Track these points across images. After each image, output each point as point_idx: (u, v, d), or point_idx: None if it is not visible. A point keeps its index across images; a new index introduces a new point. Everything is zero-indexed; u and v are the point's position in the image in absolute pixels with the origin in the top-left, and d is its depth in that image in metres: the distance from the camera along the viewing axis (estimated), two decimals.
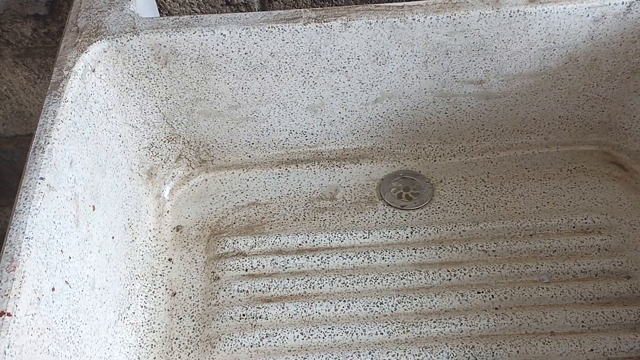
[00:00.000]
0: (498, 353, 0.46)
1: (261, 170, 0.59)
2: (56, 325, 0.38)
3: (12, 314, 0.34)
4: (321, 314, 0.49)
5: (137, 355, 0.47)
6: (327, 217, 0.55)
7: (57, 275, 0.39)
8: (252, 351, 0.47)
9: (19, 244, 0.37)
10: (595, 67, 0.53)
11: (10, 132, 0.75)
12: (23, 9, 0.62)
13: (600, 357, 0.45)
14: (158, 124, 0.55)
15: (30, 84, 0.69)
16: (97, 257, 0.45)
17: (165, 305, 0.50)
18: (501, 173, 0.58)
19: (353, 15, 0.49)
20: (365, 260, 0.52)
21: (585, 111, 0.57)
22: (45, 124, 0.43)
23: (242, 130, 0.57)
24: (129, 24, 0.50)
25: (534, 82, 0.54)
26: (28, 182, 0.39)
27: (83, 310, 0.42)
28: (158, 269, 0.53)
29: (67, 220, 0.42)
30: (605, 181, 0.56)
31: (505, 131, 0.58)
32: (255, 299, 0.50)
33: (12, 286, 0.35)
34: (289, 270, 0.52)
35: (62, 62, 0.47)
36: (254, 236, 0.54)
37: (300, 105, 0.55)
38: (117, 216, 0.50)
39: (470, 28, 0.49)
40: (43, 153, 0.41)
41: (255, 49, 0.50)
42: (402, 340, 0.47)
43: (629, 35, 0.51)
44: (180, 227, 0.56)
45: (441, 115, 0.56)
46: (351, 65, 0.52)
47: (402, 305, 0.49)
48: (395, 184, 0.57)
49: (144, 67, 0.51)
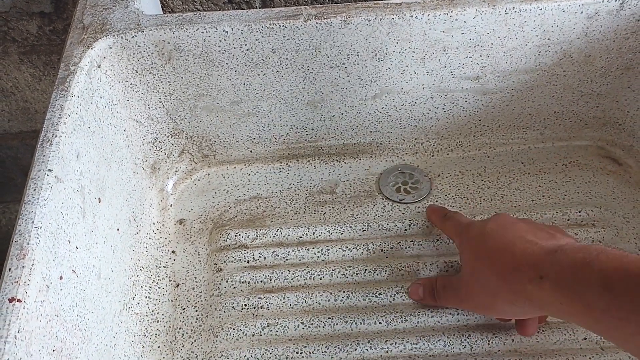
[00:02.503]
0: (493, 341, 0.47)
1: (262, 165, 0.60)
2: (64, 312, 0.39)
3: (22, 300, 0.35)
4: (321, 304, 0.50)
5: (142, 344, 0.48)
6: (327, 211, 0.56)
7: (64, 264, 0.40)
8: (253, 340, 0.48)
9: (28, 233, 0.38)
10: (589, 63, 0.54)
11: (16, 128, 0.76)
12: (29, 6, 0.63)
13: (594, 345, 0.46)
14: (162, 119, 0.56)
15: (36, 81, 0.70)
16: (102, 248, 0.46)
17: (169, 296, 0.51)
18: (497, 167, 0.59)
19: (352, 12, 0.50)
20: (364, 252, 0.53)
21: (580, 107, 0.58)
22: (53, 118, 0.44)
23: (244, 126, 0.58)
24: (133, 20, 0.51)
25: (530, 78, 0.55)
26: (37, 173, 0.40)
27: (89, 299, 0.43)
28: (162, 260, 0.54)
29: (74, 211, 0.43)
30: (599, 175, 0.58)
31: (502, 126, 0.59)
32: (256, 289, 0.51)
33: (22, 273, 0.36)
34: (290, 262, 0.53)
35: (68, 58, 0.48)
36: (255, 229, 0.55)
37: (300, 101, 0.56)
38: (122, 209, 0.51)
39: (466, 25, 0.50)
40: (51, 146, 0.42)
41: (257, 46, 0.51)
42: (400, 330, 0.48)
43: (622, 32, 0.52)
44: (183, 220, 0.57)
45: (439, 110, 0.57)
46: (350, 61, 0.53)
47: (400, 296, 0.50)
48: (394, 178, 0.59)
49: (148, 63, 0.52)
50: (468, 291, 0.44)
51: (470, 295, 0.44)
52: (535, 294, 0.38)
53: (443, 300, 0.48)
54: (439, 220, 0.52)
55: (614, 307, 0.33)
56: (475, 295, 0.44)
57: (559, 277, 0.36)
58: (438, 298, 0.48)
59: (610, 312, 0.33)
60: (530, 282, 0.38)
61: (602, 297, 0.34)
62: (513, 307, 0.41)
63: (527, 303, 0.39)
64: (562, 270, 0.36)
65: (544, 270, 0.37)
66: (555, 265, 0.37)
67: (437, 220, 0.52)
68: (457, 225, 0.48)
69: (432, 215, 0.53)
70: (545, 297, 0.37)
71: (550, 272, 0.37)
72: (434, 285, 0.48)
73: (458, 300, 0.46)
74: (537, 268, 0.38)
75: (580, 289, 0.35)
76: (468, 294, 0.45)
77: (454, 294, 0.46)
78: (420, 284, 0.49)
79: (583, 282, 0.35)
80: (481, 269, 0.43)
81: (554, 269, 0.37)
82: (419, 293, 0.49)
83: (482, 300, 0.43)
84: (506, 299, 0.41)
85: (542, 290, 0.37)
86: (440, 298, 0.48)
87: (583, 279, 0.35)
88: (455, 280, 0.47)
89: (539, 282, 0.37)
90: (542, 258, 0.38)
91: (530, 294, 0.38)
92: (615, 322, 0.33)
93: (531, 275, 0.38)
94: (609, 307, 0.33)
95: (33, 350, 0.35)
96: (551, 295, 0.37)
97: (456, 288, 0.46)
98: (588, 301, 0.34)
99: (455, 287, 0.46)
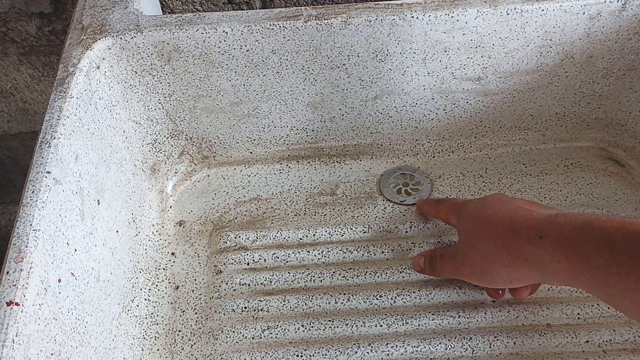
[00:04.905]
0: (495, 344, 0.47)
1: (262, 166, 0.60)
2: (62, 315, 0.39)
3: (20, 303, 0.35)
4: (322, 307, 0.50)
5: (141, 347, 0.48)
6: (327, 212, 0.56)
7: (63, 267, 0.40)
8: (253, 343, 0.48)
9: (26, 236, 0.37)
10: (591, 64, 0.54)
11: (15, 129, 0.76)
12: (28, 7, 0.63)
13: (596, 348, 0.46)
14: (161, 120, 0.56)
15: (35, 82, 0.70)
16: (101, 250, 0.46)
17: (169, 298, 0.51)
18: (499, 169, 0.59)
19: (353, 13, 0.50)
20: (364, 254, 0.53)
21: (582, 108, 0.58)
22: (52, 119, 0.43)
23: (244, 127, 0.57)
24: (132, 21, 0.50)
25: (531, 79, 0.55)
26: (35, 175, 0.40)
27: (88, 301, 0.43)
28: (161, 262, 0.53)
29: (72, 213, 0.42)
30: (601, 177, 0.57)
31: (503, 127, 0.59)
32: (256, 292, 0.51)
33: (20, 277, 0.36)
34: (290, 264, 0.53)
35: (67, 59, 0.48)
36: (255, 231, 0.55)
37: (301, 102, 0.56)
38: (121, 210, 0.51)
39: (468, 25, 0.50)
40: (49, 147, 0.42)
41: (257, 46, 0.51)
42: (401, 333, 0.48)
43: (624, 33, 0.52)
44: (182, 222, 0.56)
45: (440, 112, 0.57)
46: (351, 62, 0.53)
47: (401, 298, 0.50)
48: (395, 180, 0.58)
49: (147, 64, 0.51)
50: (464, 258, 0.45)
51: (466, 262, 0.45)
52: (533, 254, 0.38)
53: (440, 268, 0.48)
54: (432, 208, 0.52)
55: (613, 263, 0.34)
56: (471, 261, 0.44)
57: (559, 236, 0.37)
58: (435, 268, 0.49)
59: (608, 268, 0.34)
60: (529, 242, 0.38)
61: (602, 253, 0.34)
62: (509, 270, 0.41)
63: (524, 265, 0.40)
64: (561, 229, 0.37)
65: (544, 230, 0.38)
66: (555, 225, 0.38)
67: (430, 207, 0.53)
68: (453, 205, 0.49)
69: (424, 205, 0.54)
70: (543, 256, 0.38)
71: (550, 231, 0.38)
72: (434, 254, 0.49)
73: (454, 267, 0.47)
74: (536, 229, 0.38)
75: (580, 246, 0.35)
76: (464, 260, 0.45)
77: (451, 261, 0.47)
78: (423, 255, 0.50)
79: (583, 239, 0.35)
80: (479, 235, 0.43)
81: (554, 228, 0.37)
82: (420, 264, 0.50)
83: (479, 265, 0.43)
84: (503, 261, 0.41)
85: (540, 249, 0.38)
86: (437, 267, 0.48)
87: (583, 237, 0.35)
88: (453, 248, 0.47)
89: (538, 241, 0.38)
90: (542, 220, 0.39)
91: (528, 254, 0.39)
92: (613, 278, 0.34)
93: (530, 235, 0.39)
94: (607, 264, 0.34)
95: (31, 354, 0.35)
96: (550, 253, 0.37)
97: (453, 255, 0.47)
98: (587, 257, 0.35)
99: (452, 255, 0.47)
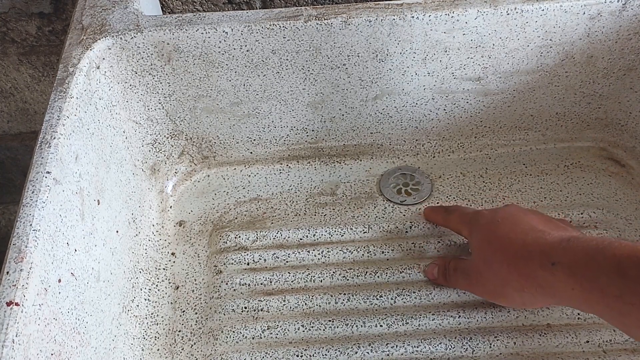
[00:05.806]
0: (495, 344, 0.47)
1: (262, 166, 0.60)
2: (62, 315, 0.39)
3: (20, 303, 0.35)
4: (322, 307, 0.50)
5: (141, 347, 0.48)
6: (327, 212, 0.56)
7: (63, 267, 0.40)
8: (253, 343, 0.48)
9: (26, 236, 0.37)
10: (591, 64, 0.54)
11: (15, 129, 0.76)
12: (28, 7, 0.63)
13: (596, 348, 0.46)
14: (161, 120, 0.56)
15: (35, 82, 0.70)
16: (101, 251, 0.46)
17: (169, 298, 0.51)
18: (499, 169, 0.59)
19: (353, 13, 0.50)
20: (365, 254, 0.53)
21: (582, 108, 0.58)
22: (52, 119, 0.43)
23: (244, 127, 0.57)
24: (132, 21, 0.50)
25: (531, 79, 0.55)
26: (35, 175, 0.40)
27: (88, 302, 0.43)
28: (161, 262, 0.53)
29: (72, 213, 0.42)
30: (601, 177, 0.57)
31: (503, 128, 0.59)
32: (256, 292, 0.51)
33: (20, 277, 0.36)
34: (290, 264, 0.52)
35: (67, 59, 0.48)
36: (255, 231, 0.55)
37: (301, 102, 0.56)
38: (121, 211, 0.51)
39: (468, 25, 0.50)
40: (49, 148, 0.42)
41: (257, 47, 0.51)
42: (401, 333, 0.48)
43: (624, 33, 0.52)
44: (183, 222, 0.56)
45: (440, 112, 0.57)
46: (351, 62, 0.53)
47: (401, 298, 0.50)
48: (395, 180, 0.58)
49: (147, 64, 0.51)
50: (479, 277, 0.45)
51: (480, 281, 0.45)
52: (546, 280, 0.38)
53: (453, 281, 0.48)
54: (440, 217, 0.52)
55: (628, 293, 0.33)
56: (485, 281, 0.44)
57: (572, 263, 0.36)
58: (449, 279, 0.49)
59: (623, 298, 0.33)
60: (542, 268, 0.38)
61: (616, 282, 0.34)
62: (523, 294, 0.41)
63: (537, 290, 0.39)
64: (574, 256, 0.36)
65: (557, 256, 0.37)
66: (568, 251, 0.37)
67: (439, 217, 0.52)
68: (463, 216, 0.49)
69: (432, 213, 0.53)
70: (557, 283, 0.37)
71: (562, 258, 0.37)
72: (447, 265, 0.49)
73: (468, 283, 0.47)
74: (549, 255, 0.38)
75: (593, 275, 0.35)
76: (479, 280, 0.45)
77: (465, 278, 0.47)
78: (436, 264, 0.50)
79: (596, 268, 0.35)
80: (492, 256, 0.43)
81: (567, 255, 0.37)
82: (433, 273, 0.50)
83: (493, 287, 0.44)
84: (516, 286, 0.41)
85: (553, 276, 0.37)
86: (450, 279, 0.48)
87: (596, 265, 0.35)
88: (467, 264, 0.47)
89: (551, 268, 0.37)
90: (555, 245, 0.38)
91: (542, 280, 0.38)
92: (627, 308, 0.33)
93: (543, 261, 0.38)
94: (622, 293, 0.33)
95: (31, 354, 0.35)
96: (563, 281, 0.37)
97: (467, 273, 0.47)
98: (601, 287, 0.34)
99: (466, 272, 0.47)
